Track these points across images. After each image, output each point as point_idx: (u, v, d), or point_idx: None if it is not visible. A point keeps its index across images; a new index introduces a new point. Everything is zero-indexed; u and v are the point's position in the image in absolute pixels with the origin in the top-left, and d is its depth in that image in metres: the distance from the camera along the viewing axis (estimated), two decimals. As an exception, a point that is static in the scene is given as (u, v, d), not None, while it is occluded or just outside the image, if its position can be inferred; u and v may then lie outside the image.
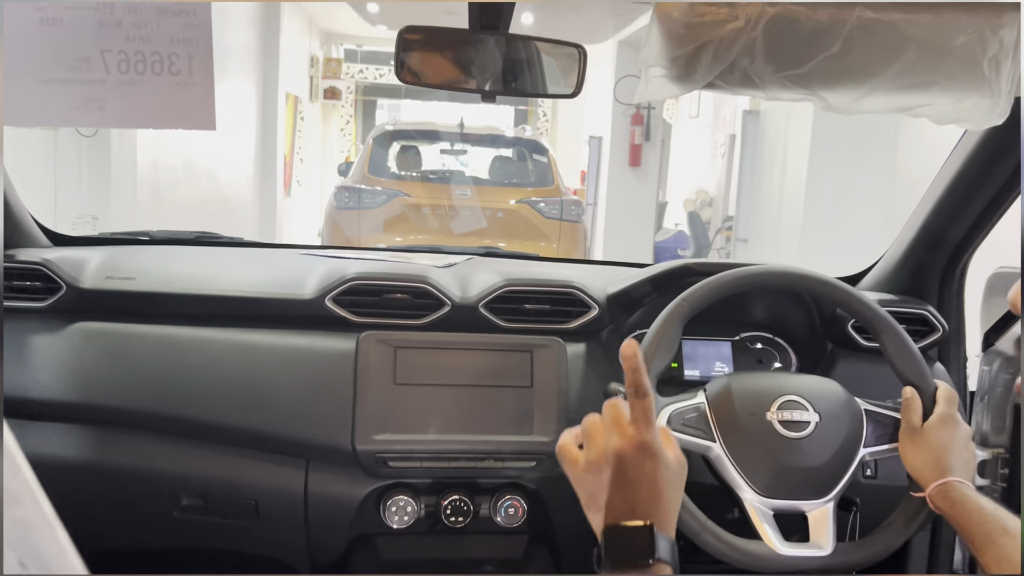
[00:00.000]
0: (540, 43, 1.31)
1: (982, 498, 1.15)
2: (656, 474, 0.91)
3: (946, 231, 1.57)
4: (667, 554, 0.87)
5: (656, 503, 0.91)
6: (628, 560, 0.87)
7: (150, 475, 1.45)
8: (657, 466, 0.91)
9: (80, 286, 1.49)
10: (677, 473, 0.94)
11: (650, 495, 0.91)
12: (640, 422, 0.92)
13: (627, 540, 0.88)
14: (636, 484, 0.91)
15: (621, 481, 0.91)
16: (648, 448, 0.91)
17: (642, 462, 0.91)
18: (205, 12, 1.19)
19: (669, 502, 0.92)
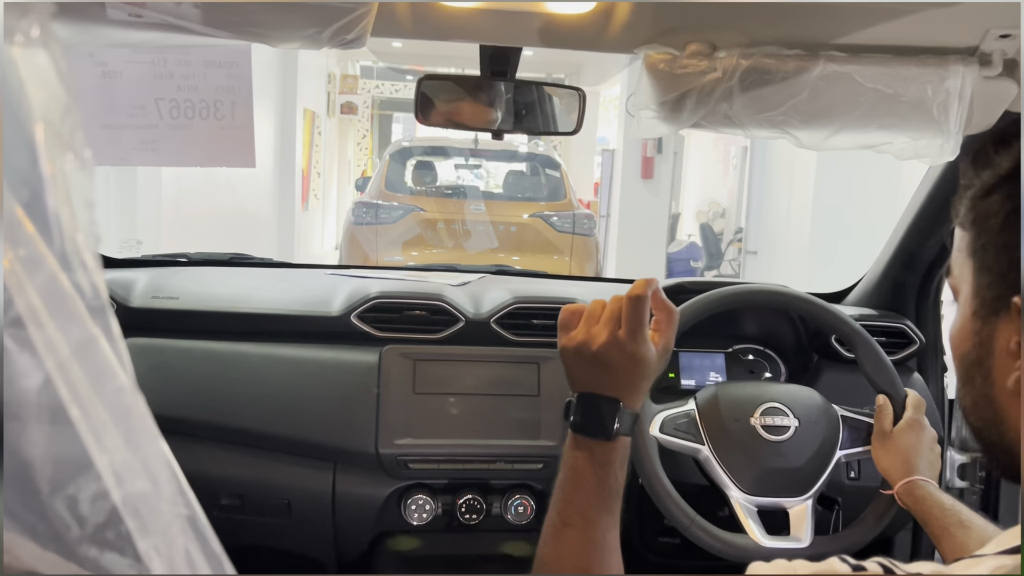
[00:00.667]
0: (545, 87, 1.45)
1: (943, 495, 1.28)
2: (634, 371, 0.99)
3: (919, 251, 1.71)
4: (627, 428, 0.97)
5: (628, 390, 0.99)
6: (592, 430, 0.96)
7: (193, 477, 1.56)
8: (636, 365, 0.98)
9: (130, 305, 1.64)
10: (656, 364, 1.01)
11: (623, 381, 0.99)
12: (633, 328, 0.97)
13: (597, 410, 0.97)
14: (613, 372, 0.98)
15: (601, 366, 0.98)
16: (632, 355, 0.97)
17: (622, 361, 0.98)
18: (246, 63, 1.35)
19: (640, 389, 1.00)
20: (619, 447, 0.97)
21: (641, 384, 1.01)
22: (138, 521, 0.39)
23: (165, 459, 0.44)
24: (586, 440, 0.96)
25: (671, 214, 9.89)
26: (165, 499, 0.43)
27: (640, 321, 0.98)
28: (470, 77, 1.39)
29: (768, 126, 1.27)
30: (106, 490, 0.38)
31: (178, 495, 0.44)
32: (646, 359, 0.99)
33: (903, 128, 1.22)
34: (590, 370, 0.99)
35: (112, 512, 0.38)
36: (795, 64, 1.19)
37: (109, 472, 0.39)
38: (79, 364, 0.38)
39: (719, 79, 1.21)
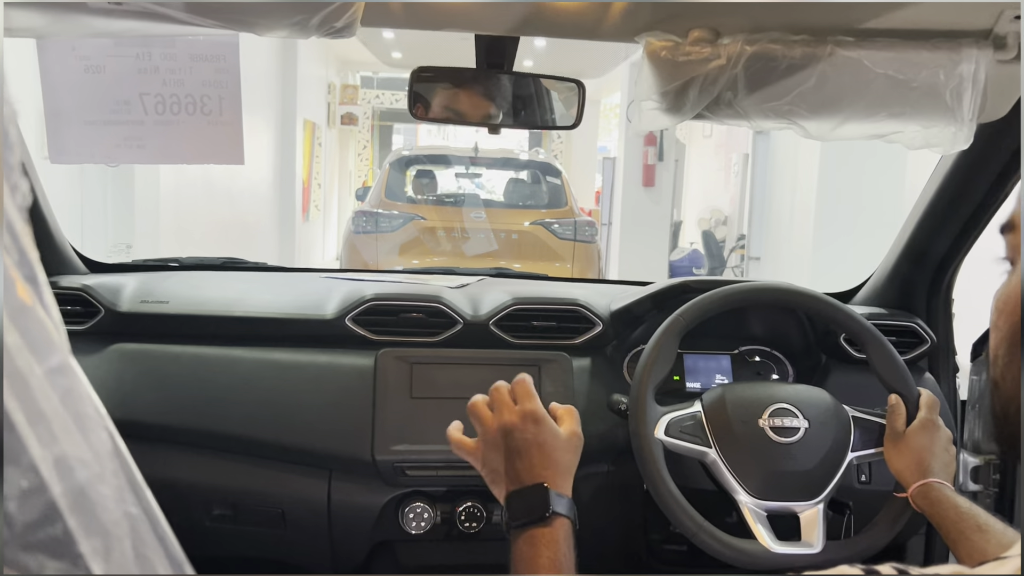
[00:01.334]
0: (543, 79, 1.41)
1: (959, 497, 1.24)
2: (543, 439, 1.03)
3: (929, 247, 1.66)
4: (565, 509, 1.00)
5: (547, 465, 1.02)
6: (528, 518, 0.98)
7: (183, 487, 1.54)
8: (542, 431, 1.04)
9: (118, 310, 1.60)
10: (568, 441, 1.06)
11: (541, 459, 1.02)
12: (522, 397, 1.06)
13: (526, 501, 1.00)
14: (527, 451, 1.02)
15: (513, 450, 1.03)
16: (532, 415, 1.04)
17: (527, 428, 1.03)
18: (233, 57, 1.31)
19: (559, 464, 1.04)
20: (559, 528, 0.98)
21: (559, 458, 1.04)
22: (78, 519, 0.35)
23: (111, 449, 0.40)
24: (528, 530, 0.98)
25: (673, 222, 9.87)
26: (111, 495, 0.38)
27: (529, 391, 1.07)
28: (466, 69, 1.35)
29: (774, 116, 1.23)
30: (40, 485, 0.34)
31: (127, 491, 0.40)
32: (549, 423, 1.05)
33: (914, 116, 1.18)
34: (507, 464, 1.03)
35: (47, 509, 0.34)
36: (801, 50, 1.15)
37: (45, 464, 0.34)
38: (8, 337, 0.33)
39: (723, 67, 1.17)
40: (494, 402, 1.07)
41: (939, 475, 1.28)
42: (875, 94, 1.16)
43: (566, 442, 1.06)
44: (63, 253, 1.71)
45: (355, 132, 13.60)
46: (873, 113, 1.19)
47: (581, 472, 1.54)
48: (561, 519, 0.99)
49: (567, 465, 1.06)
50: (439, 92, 1.36)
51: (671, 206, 9.49)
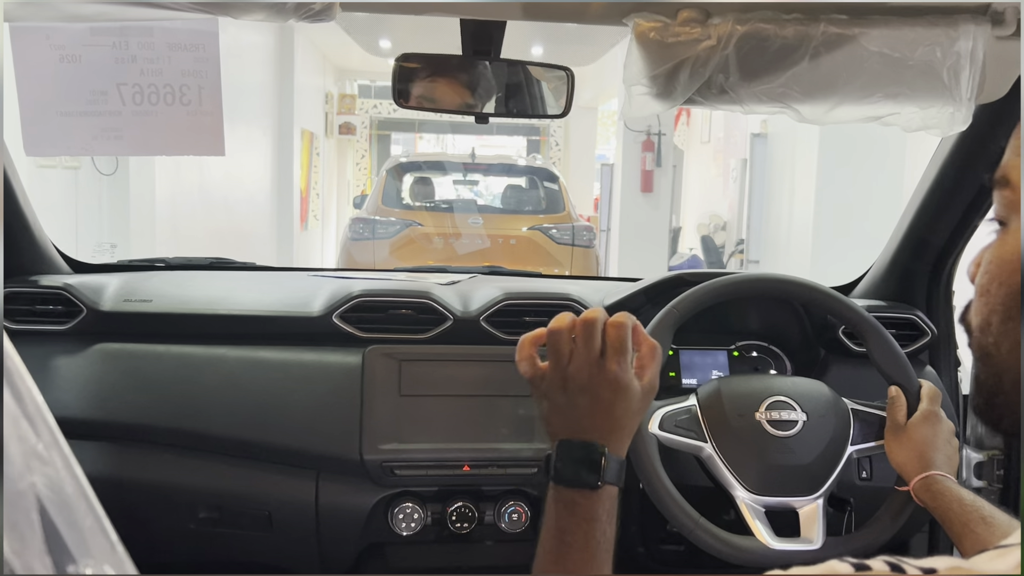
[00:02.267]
0: (531, 66, 1.38)
1: (962, 490, 1.20)
2: (614, 404, 0.91)
3: (929, 237, 1.62)
4: (614, 476, 0.90)
5: (612, 428, 0.92)
6: (576, 480, 0.89)
7: (168, 489, 1.51)
8: (620, 399, 0.91)
9: (100, 309, 1.56)
10: (642, 399, 0.94)
11: (607, 422, 0.92)
12: (614, 352, 0.91)
13: (578, 459, 0.89)
14: (593, 411, 0.91)
15: (580, 404, 0.91)
16: (616, 383, 0.91)
17: (602, 393, 0.91)
18: (213, 46, 1.27)
19: (625, 428, 0.93)
20: (606, 499, 0.89)
21: (626, 423, 0.93)
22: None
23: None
24: (570, 492, 0.89)
25: (672, 228, 9.84)
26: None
27: (624, 347, 0.92)
28: (451, 56, 1.32)
29: (767, 100, 1.20)
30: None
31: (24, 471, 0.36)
32: (632, 391, 0.92)
33: (911, 96, 1.15)
34: (569, 410, 0.92)
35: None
36: (794, 29, 1.12)
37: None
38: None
39: (713, 47, 1.14)
40: (581, 338, 0.92)
41: (942, 467, 1.24)
42: (870, 74, 1.12)
43: (640, 401, 0.94)
44: (44, 252, 1.68)
45: (353, 141, 13.59)
46: (869, 94, 1.15)
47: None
48: (609, 488, 0.90)
49: (632, 427, 0.95)
50: (424, 80, 1.33)
51: (670, 212, 9.47)
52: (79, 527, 0.42)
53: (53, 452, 0.43)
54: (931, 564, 0.51)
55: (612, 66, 9.97)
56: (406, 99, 1.32)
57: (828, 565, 0.53)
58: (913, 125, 1.18)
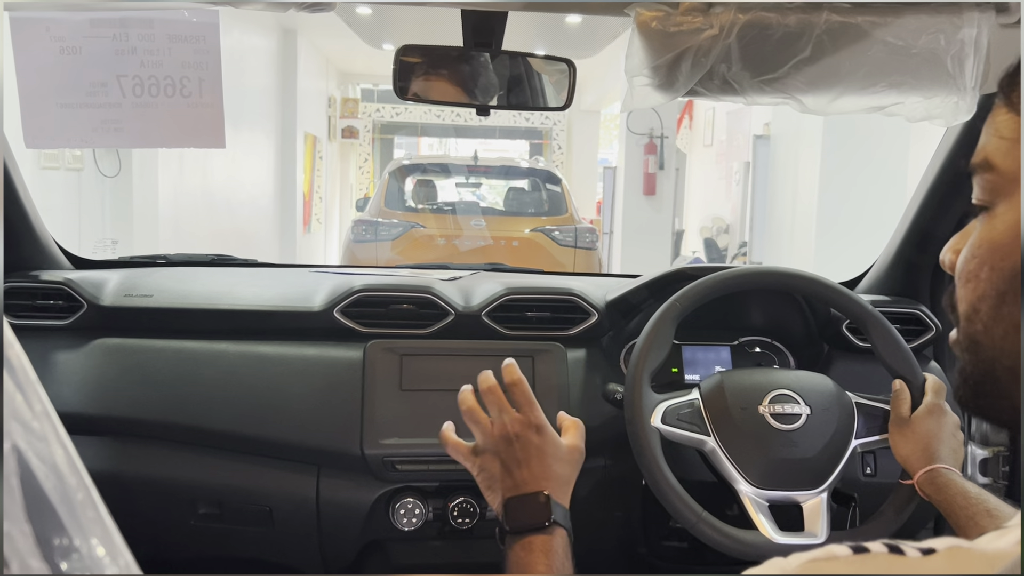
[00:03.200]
0: (532, 59, 1.37)
1: (967, 483, 1.19)
2: (543, 449, 1.03)
3: (933, 230, 1.61)
4: (562, 518, 0.99)
5: (547, 476, 1.02)
6: (528, 525, 0.98)
7: (168, 484, 1.50)
8: (544, 441, 1.03)
9: (100, 304, 1.56)
10: (568, 453, 1.06)
11: (541, 469, 1.02)
12: (523, 404, 1.05)
13: (526, 507, 0.99)
14: (528, 460, 1.02)
15: (513, 459, 1.02)
16: (534, 425, 1.04)
17: (530, 438, 1.02)
18: (214, 38, 1.27)
19: (560, 476, 1.03)
20: (558, 536, 0.98)
21: (559, 471, 1.04)
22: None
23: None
24: (525, 535, 0.98)
25: (675, 230, 9.83)
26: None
27: (529, 397, 1.06)
28: (453, 48, 1.31)
29: (770, 90, 1.19)
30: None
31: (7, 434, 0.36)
32: (551, 433, 1.05)
33: (914, 86, 1.14)
34: (506, 470, 1.03)
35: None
36: (796, 17, 1.11)
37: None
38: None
39: (716, 37, 1.13)
40: (491, 406, 1.05)
41: (946, 461, 1.23)
42: (873, 62, 1.12)
43: (567, 454, 1.06)
44: (45, 247, 1.68)
45: (356, 145, 13.60)
46: (872, 83, 1.15)
47: (578, 466, 1.51)
48: (559, 529, 0.99)
49: (567, 477, 1.05)
50: (426, 71, 1.33)
51: (672, 215, 9.45)
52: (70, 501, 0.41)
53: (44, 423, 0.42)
54: (930, 545, 0.50)
55: (614, 70, 9.97)
56: (407, 91, 1.31)
57: (826, 549, 0.52)
58: (917, 115, 1.17)
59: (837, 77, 1.15)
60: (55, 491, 0.40)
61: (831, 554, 0.51)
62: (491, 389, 1.06)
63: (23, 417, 0.39)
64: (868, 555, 0.50)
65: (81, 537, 0.39)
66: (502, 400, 1.05)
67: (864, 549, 0.50)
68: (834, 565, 0.50)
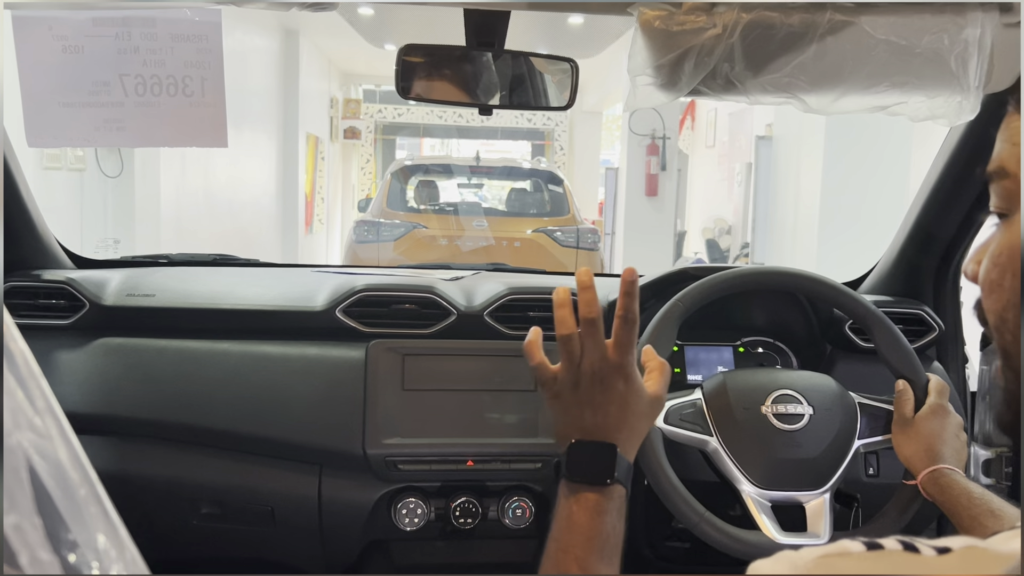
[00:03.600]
0: (534, 58, 1.37)
1: (971, 483, 1.19)
2: (626, 399, 0.94)
3: (936, 231, 1.61)
4: (624, 475, 0.93)
5: (621, 427, 0.94)
6: (588, 477, 0.92)
7: (170, 484, 1.50)
8: (629, 391, 0.94)
9: (102, 303, 1.56)
10: (648, 405, 0.97)
11: (617, 419, 0.94)
12: (622, 345, 0.94)
13: (591, 458, 0.93)
14: (606, 405, 0.93)
15: (592, 400, 0.94)
16: (623, 371, 0.94)
17: (614, 384, 0.94)
18: (216, 37, 1.27)
19: (633, 429, 0.96)
20: (615, 496, 0.92)
21: (635, 425, 0.96)
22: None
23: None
24: (581, 488, 0.92)
25: (677, 231, 9.82)
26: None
27: (630, 340, 0.94)
28: (455, 47, 1.31)
29: (773, 90, 1.19)
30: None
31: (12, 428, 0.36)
32: (639, 384, 0.96)
33: (918, 85, 1.14)
34: (582, 409, 0.94)
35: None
36: (800, 17, 1.11)
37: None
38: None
39: (719, 36, 1.13)
40: (587, 337, 0.94)
41: (950, 461, 1.23)
42: (877, 62, 1.11)
43: (647, 405, 0.97)
44: (47, 247, 1.68)
45: (358, 146, 13.60)
46: (875, 83, 1.14)
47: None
48: (619, 487, 0.93)
49: (640, 430, 0.98)
50: (428, 71, 1.33)
51: (674, 216, 9.45)
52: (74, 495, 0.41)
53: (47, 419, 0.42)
54: (946, 544, 0.50)
55: (616, 71, 9.97)
56: (409, 91, 1.31)
57: (839, 544, 0.51)
58: (920, 115, 1.17)
59: (840, 77, 1.15)
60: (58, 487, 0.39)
61: (844, 550, 0.50)
62: (594, 321, 0.94)
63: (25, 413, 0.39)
64: (882, 552, 0.50)
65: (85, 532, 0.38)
66: (600, 335, 0.94)
67: (878, 546, 0.50)
68: (847, 562, 0.50)
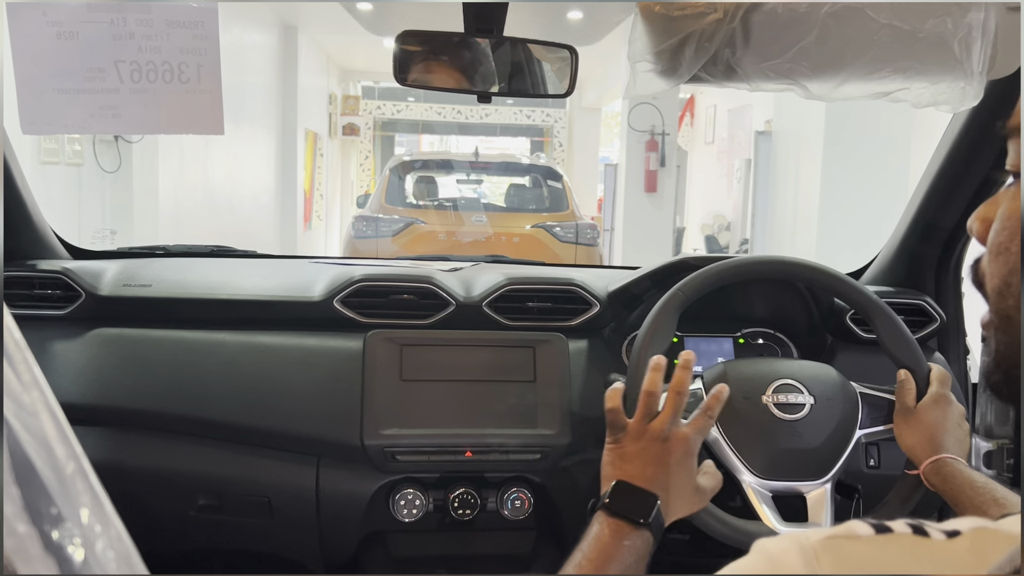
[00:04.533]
0: (533, 45, 1.36)
1: (974, 473, 1.18)
2: (681, 468, 1.06)
3: (938, 221, 1.60)
4: (657, 529, 1.02)
5: (666, 488, 1.04)
6: (627, 513, 0.99)
7: (167, 475, 1.49)
8: (684, 462, 1.07)
9: (99, 293, 1.55)
10: (694, 491, 1.10)
11: (666, 479, 1.04)
12: (699, 428, 1.08)
13: (636, 498, 1.01)
14: (660, 464, 1.04)
15: (650, 455, 1.05)
16: (687, 444, 1.07)
17: (675, 449, 1.06)
18: (212, 23, 1.26)
19: (674, 500, 1.06)
20: (645, 537, 1.00)
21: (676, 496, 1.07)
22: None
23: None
24: (617, 521, 1.00)
25: (676, 228, 9.82)
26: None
27: (707, 427, 1.11)
28: (453, 34, 1.30)
29: (775, 76, 1.18)
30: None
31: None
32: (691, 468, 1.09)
33: (921, 71, 1.13)
34: (636, 458, 1.05)
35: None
36: (802, 1, 1.09)
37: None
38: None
39: (720, 21, 1.12)
40: (669, 403, 1.08)
41: (952, 450, 1.22)
42: (879, 47, 1.10)
43: (693, 491, 1.10)
44: (43, 237, 1.67)
45: (357, 142, 13.59)
46: (878, 68, 1.13)
47: (579, 457, 1.50)
48: (648, 533, 1.01)
49: (677, 506, 1.08)
50: (426, 58, 1.31)
51: (673, 212, 9.43)
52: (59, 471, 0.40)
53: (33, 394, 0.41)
54: (955, 526, 0.49)
55: (615, 67, 9.96)
56: (406, 78, 1.30)
57: (847, 526, 0.51)
58: (923, 101, 1.15)
59: (842, 62, 1.14)
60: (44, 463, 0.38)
61: (852, 532, 0.50)
62: (682, 394, 1.10)
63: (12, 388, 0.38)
64: (891, 535, 0.49)
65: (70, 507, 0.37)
66: (682, 406, 1.09)
67: (887, 529, 0.49)
68: (855, 544, 0.49)
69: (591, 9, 7.03)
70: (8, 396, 0.37)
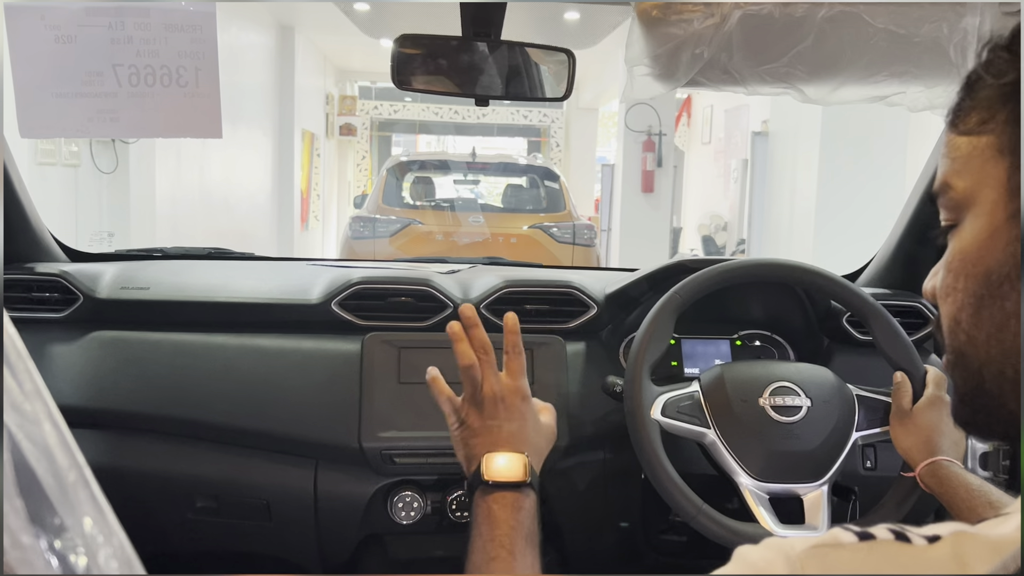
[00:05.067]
0: (531, 49, 1.37)
1: (969, 475, 1.18)
2: (525, 415, 1.08)
3: (933, 222, 1.60)
4: (535, 482, 1.04)
5: (526, 441, 1.06)
6: (507, 481, 1.01)
7: (165, 478, 1.49)
8: (527, 408, 1.09)
9: (96, 296, 1.55)
10: (545, 428, 1.12)
11: (522, 434, 1.06)
12: (514, 372, 1.09)
13: (509, 465, 1.03)
14: (510, 422, 1.06)
15: (495, 419, 1.06)
16: (520, 392, 1.09)
17: (513, 402, 1.08)
18: (210, 27, 1.26)
19: (536, 445, 1.08)
20: (530, 498, 1.02)
21: (537, 441, 1.09)
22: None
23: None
24: (500, 492, 1.01)
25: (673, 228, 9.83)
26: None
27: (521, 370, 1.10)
28: (451, 38, 1.30)
29: (771, 80, 1.19)
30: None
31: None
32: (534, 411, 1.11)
33: (917, 75, 1.13)
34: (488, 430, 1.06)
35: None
36: (798, 5, 1.10)
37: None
38: None
39: (717, 25, 1.12)
40: (485, 366, 1.08)
41: (948, 453, 1.23)
42: (876, 51, 1.11)
43: (544, 428, 1.12)
44: (41, 240, 1.67)
45: (354, 143, 13.59)
46: (874, 73, 1.14)
47: (576, 459, 1.51)
48: (532, 492, 1.02)
49: (541, 449, 1.10)
50: (424, 61, 1.32)
51: (670, 212, 9.44)
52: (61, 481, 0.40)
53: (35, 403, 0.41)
54: (935, 531, 0.50)
55: (612, 67, 9.96)
56: (405, 81, 1.30)
57: (831, 534, 0.52)
58: (919, 105, 1.16)
59: (839, 66, 1.14)
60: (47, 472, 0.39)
61: (836, 540, 0.51)
62: (489, 351, 1.09)
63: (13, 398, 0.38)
64: (874, 542, 0.50)
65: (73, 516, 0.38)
66: (495, 364, 1.09)
67: (870, 535, 0.50)
68: (839, 552, 0.50)
69: (588, 12, 7.04)
70: (10, 406, 0.37)
